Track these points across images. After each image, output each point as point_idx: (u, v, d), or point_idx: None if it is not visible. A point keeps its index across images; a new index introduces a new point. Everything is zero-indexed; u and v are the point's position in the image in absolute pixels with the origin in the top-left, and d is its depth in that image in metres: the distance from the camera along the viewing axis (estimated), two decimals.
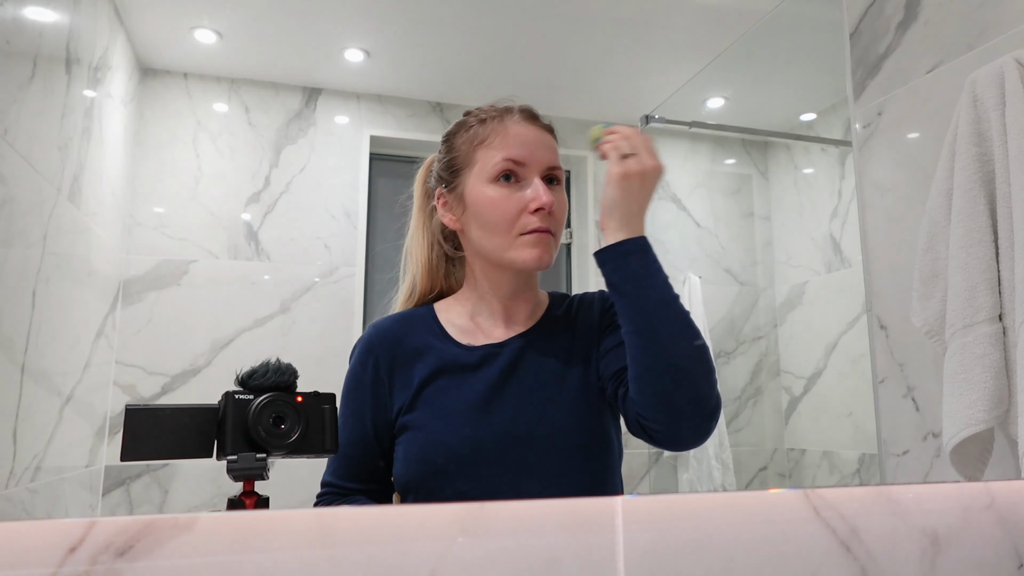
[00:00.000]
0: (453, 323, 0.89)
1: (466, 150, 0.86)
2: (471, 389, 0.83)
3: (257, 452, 0.63)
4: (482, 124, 0.86)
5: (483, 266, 0.87)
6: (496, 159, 0.83)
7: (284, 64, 1.90)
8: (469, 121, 0.87)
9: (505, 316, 0.88)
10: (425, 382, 0.84)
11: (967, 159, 1.04)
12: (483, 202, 0.83)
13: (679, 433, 0.76)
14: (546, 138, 0.86)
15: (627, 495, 0.66)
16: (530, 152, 0.83)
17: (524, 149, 0.83)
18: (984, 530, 0.77)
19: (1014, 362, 0.97)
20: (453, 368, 0.84)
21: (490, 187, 0.83)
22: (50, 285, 1.30)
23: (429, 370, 0.84)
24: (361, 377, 0.86)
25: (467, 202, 0.84)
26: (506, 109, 0.87)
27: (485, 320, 0.88)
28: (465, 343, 0.86)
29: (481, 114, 0.87)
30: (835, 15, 1.39)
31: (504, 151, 0.83)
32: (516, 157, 0.83)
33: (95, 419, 1.61)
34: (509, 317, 0.88)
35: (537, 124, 0.87)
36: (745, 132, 2.06)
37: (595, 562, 0.63)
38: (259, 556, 0.55)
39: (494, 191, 0.82)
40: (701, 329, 0.85)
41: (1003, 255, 1.01)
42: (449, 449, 0.81)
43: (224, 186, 1.86)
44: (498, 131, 0.84)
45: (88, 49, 1.51)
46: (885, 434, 1.23)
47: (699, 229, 2.02)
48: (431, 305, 0.92)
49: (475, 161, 0.84)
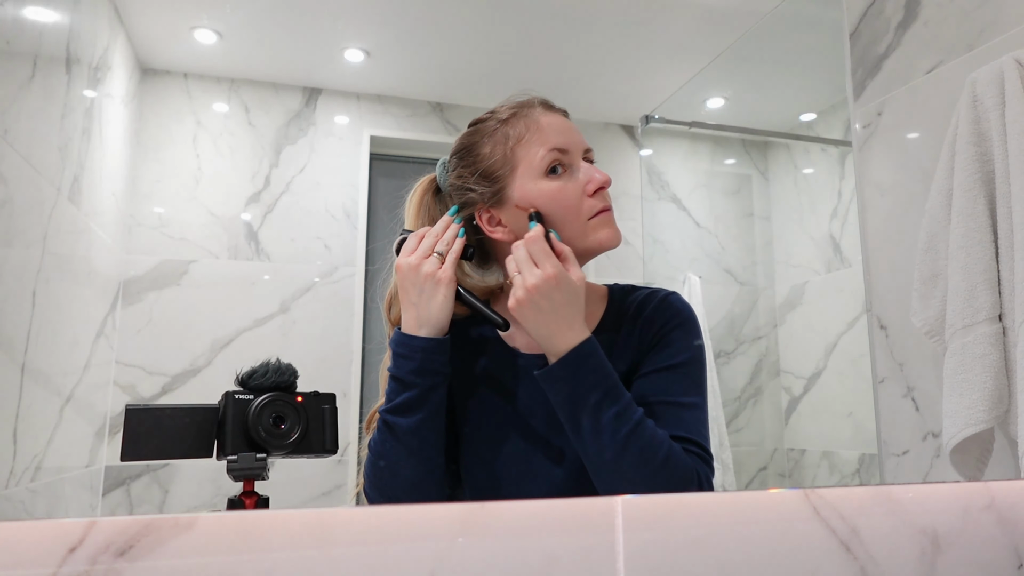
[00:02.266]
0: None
1: (502, 153, 0.81)
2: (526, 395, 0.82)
3: (257, 452, 0.63)
4: (507, 124, 0.82)
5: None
6: (541, 153, 0.80)
7: (284, 64, 1.90)
8: (489, 125, 0.84)
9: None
10: (482, 378, 0.83)
11: (967, 159, 1.04)
12: (543, 199, 0.79)
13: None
14: (571, 123, 0.85)
15: (627, 495, 0.66)
16: (568, 138, 0.82)
17: (563, 136, 0.81)
18: (984, 530, 0.77)
19: (1014, 362, 0.97)
20: (506, 371, 0.84)
21: (544, 182, 0.80)
22: (50, 285, 1.30)
23: (484, 368, 0.83)
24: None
25: (523, 205, 0.80)
26: (525, 103, 0.84)
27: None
28: (523, 349, 0.84)
29: (500, 114, 0.83)
30: (835, 15, 1.39)
31: (546, 143, 0.80)
32: (560, 146, 0.80)
33: (95, 419, 1.61)
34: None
35: (558, 111, 0.85)
36: (745, 132, 2.06)
37: (595, 562, 0.63)
38: (259, 556, 0.55)
39: (549, 185, 0.80)
40: (701, 329, 0.84)
41: (1003, 255, 1.01)
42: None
43: (224, 186, 1.86)
44: (530, 126, 0.81)
45: (88, 49, 1.51)
46: (885, 434, 1.23)
47: (699, 229, 2.02)
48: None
49: (518, 162, 0.81)
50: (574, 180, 0.80)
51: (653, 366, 0.80)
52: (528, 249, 0.74)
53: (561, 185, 0.80)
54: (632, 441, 0.71)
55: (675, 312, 0.83)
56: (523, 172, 0.80)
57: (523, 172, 0.80)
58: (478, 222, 0.83)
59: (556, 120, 0.83)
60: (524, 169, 0.80)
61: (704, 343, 0.84)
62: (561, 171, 0.80)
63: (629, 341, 0.82)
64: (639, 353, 0.82)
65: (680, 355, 0.80)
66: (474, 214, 0.83)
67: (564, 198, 0.79)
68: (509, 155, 0.81)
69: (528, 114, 0.82)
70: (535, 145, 0.80)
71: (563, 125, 0.83)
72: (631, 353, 0.82)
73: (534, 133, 0.81)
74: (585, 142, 0.83)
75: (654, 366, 0.79)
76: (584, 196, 0.80)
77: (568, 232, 0.79)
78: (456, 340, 0.81)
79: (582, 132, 0.85)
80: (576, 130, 0.84)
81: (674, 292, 0.86)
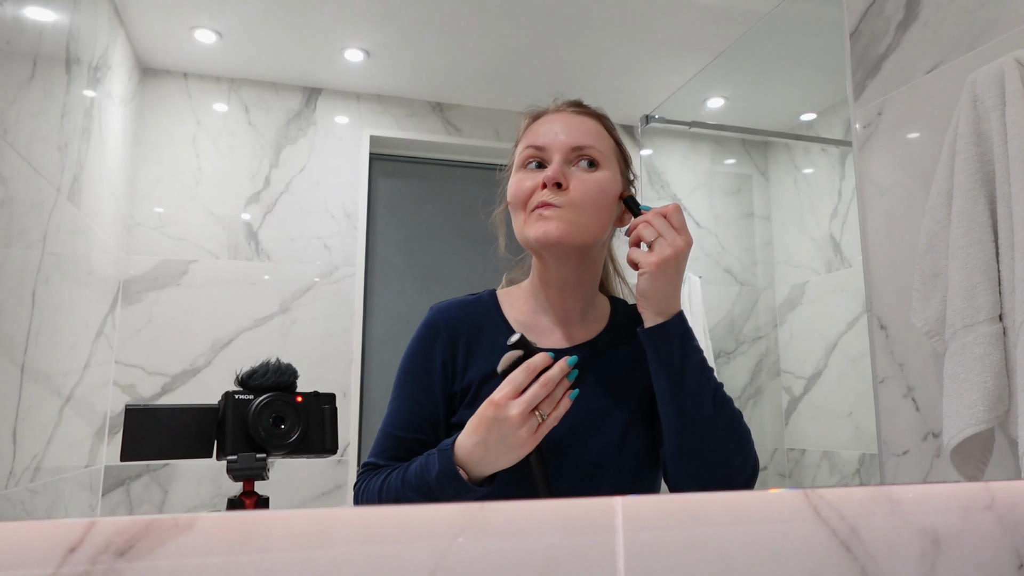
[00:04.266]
0: (516, 319, 0.87)
1: (512, 149, 0.90)
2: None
3: (257, 452, 0.63)
4: (523, 124, 0.90)
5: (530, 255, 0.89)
6: (521, 148, 0.86)
7: (284, 64, 1.90)
8: (520, 123, 0.91)
9: (562, 313, 0.87)
10: (487, 378, 0.82)
11: (967, 159, 1.04)
12: (510, 189, 0.86)
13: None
14: (579, 120, 0.86)
15: (627, 495, 0.66)
16: (553, 136, 0.84)
17: (547, 135, 0.84)
18: (984, 530, 0.77)
19: (1014, 362, 0.97)
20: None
21: (517, 174, 0.86)
22: (50, 285, 1.30)
23: (492, 366, 0.81)
24: (422, 363, 0.84)
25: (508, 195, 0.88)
26: (544, 108, 0.89)
27: (544, 318, 0.87)
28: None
29: (527, 113, 0.90)
30: (835, 15, 1.39)
31: (528, 140, 0.86)
32: (536, 143, 0.84)
33: (95, 419, 1.61)
34: (567, 315, 0.87)
35: (574, 109, 0.87)
36: (745, 132, 2.06)
37: (595, 562, 0.63)
38: (259, 556, 0.55)
39: (516, 176, 0.85)
40: (701, 329, 0.85)
41: (1003, 255, 1.01)
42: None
43: (224, 186, 1.86)
44: (532, 126, 0.87)
45: (88, 49, 1.51)
46: (885, 434, 1.23)
47: (699, 229, 2.02)
48: (494, 292, 0.91)
49: (514, 157, 0.88)
50: (536, 174, 0.83)
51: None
52: (672, 219, 0.78)
53: (521, 176, 0.84)
54: (728, 405, 0.80)
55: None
56: (515, 166, 0.87)
57: (515, 166, 0.87)
58: (498, 204, 0.93)
59: (558, 118, 0.86)
60: (516, 163, 0.87)
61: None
62: (536, 167, 0.84)
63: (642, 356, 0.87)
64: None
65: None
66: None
67: (517, 190, 0.84)
68: (513, 151, 0.89)
69: (540, 116, 0.88)
70: (523, 142, 0.87)
71: (560, 122, 0.85)
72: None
73: (529, 132, 0.87)
74: (579, 140, 0.84)
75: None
76: (537, 189, 0.82)
77: (515, 225, 0.85)
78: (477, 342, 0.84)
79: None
80: (576, 128, 0.85)
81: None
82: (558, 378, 0.70)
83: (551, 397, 0.70)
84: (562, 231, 0.80)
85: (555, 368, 0.70)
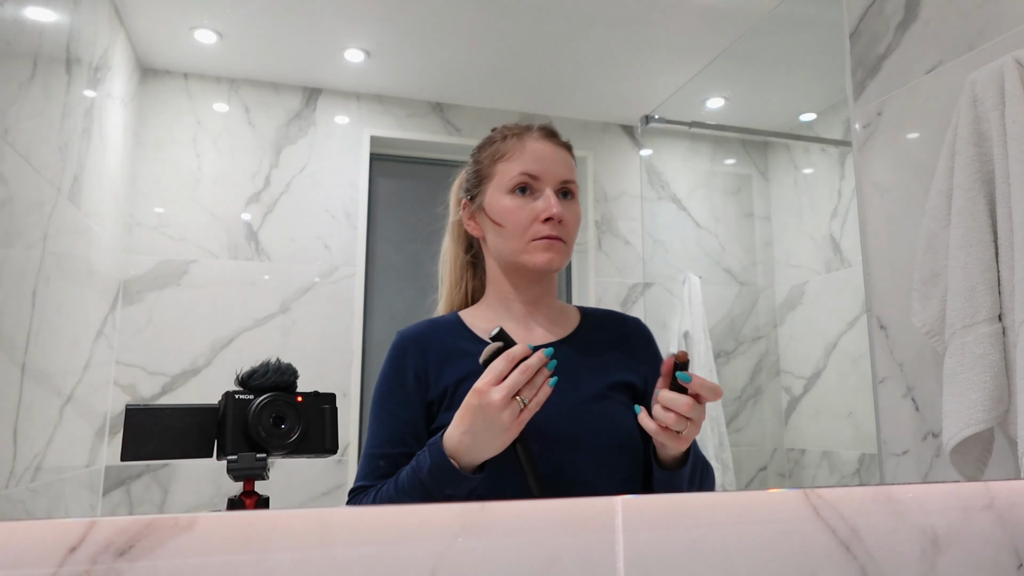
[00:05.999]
0: (481, 328, 0.91)
1: (488, 163, 0.93)
2: None
3: (257, 452, 0.63)
4: (504, 140, 0.92)
5: (501, 271, 0.92)
6: (513, 172, 0.90)
7: (284, 64, 1.90)
8: (493, 137, 0.94)
9: (527, 321, 0.92)
10: (461, 380, 0.84)
11: (967, 159, 1.04)
12: (500, 211, 0.89)
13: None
14: (562, 154, 0.92)
15: (627, 495, 0.66)
16: (545, 167, 0.89)
17: (539, 164, 0.89)
18: (984, 530, 0.77)
19: (1014, 362, 0.97)
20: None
21: (507, 198, 0.89)
22: (50, 285, 1.30)
23: (465, 370, 0.84)
24: (396, 380, 0.87)
25: (486, 211, 0.91)
26: (527, 127, 0.93)
27: (509, 324, 0.91)
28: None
29: (505, 131, 0.94)
30: (835, 15, 1.39)
31: (521, 165, 0.89)
32: (531, 171, 0.89)
33: (95, 419, 1.61)
34: (533, 323, 0.92)
35: (554, 141, 0.93)
36: (745, 132, 2.06)
37: (595, 562, 0.63)
38: (259, 556, 0.55)
39: (510, 201, 0.89)
40: (701, 329, 0.86)
41: (1003, 255, 1.01)
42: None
43: (224, 186, 1.86)
44: (516, 147, 0.91)
45: (88, 49, 1.51)
46: (885, 434, 1.23)
47: (699, 229, 2.02)
48: (456, 313, 0.95)
49: (495, 174, 0.91)
50: (532, 204, 0.88)
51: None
52: (706, 403, 0.78)
53: (519, 204, 0.88)
54: (707, 471, 0.87)
55: (649, 335, 0.99)
56: (496, 184, 0.91)
57: (496, 184, 0.91)
58: (462, 209, 0.96)
59: (543, 147, 0.91)
60: (498, 181, 0.91)
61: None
62: (528, 193, 0.89)
63: (631, 359, 0.93)
64: (650, 370, 0.92)
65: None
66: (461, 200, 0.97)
67: (516, 216, 0.88)
68: (492, 166, 0.92)
69: (522, 136, 0.92)
70: (512, 163, 0.90)
71: (548, 153, 0.91)
72: (639, 371, 0.92)
73: (516, 153, 0.91)
74: (566, 175, 0.91)
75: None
76: (536, 220, 0.87)
77: (509, 246, 0.89)
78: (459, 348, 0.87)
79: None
80: (562, 162, 0.91)
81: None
82: (537, 366, 0.73)
83: (531, 384, 0.72)
84: (561, 260, 0.89)
85: (534, 357, 0.73)
